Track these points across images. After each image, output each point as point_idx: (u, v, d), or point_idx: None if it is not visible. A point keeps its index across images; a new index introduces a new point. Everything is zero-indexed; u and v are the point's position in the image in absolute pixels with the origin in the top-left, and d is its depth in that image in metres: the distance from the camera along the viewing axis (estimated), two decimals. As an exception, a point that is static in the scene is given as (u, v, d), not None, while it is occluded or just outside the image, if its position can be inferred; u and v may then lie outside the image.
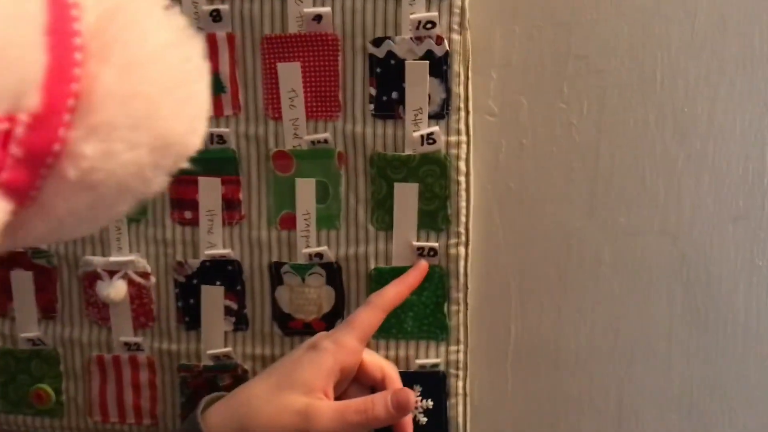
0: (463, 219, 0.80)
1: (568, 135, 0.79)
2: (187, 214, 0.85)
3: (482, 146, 0.81)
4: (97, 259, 0.87)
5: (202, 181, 0.84)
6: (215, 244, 0.85)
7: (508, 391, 0.85)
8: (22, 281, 0.89)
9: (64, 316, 0.90)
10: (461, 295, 0.81)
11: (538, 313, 0.83)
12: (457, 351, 0.82)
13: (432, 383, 0.83)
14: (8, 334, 0.91)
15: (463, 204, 0.80)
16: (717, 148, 0.77)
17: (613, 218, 0.80)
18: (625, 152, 0.79)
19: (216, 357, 0.87)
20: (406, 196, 0.80)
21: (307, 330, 0.85)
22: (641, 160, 0.78)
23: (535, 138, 0.80)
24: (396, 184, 0.80)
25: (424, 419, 0.83)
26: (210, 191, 0.84)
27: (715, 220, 0.78)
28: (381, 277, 0.82)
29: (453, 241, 0.80)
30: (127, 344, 0.88)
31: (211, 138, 0.83)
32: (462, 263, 0.81)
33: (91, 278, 0.87)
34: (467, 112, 0.78)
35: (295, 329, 0.86)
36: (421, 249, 0.80)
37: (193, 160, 0.78)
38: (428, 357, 0.83)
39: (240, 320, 0.87)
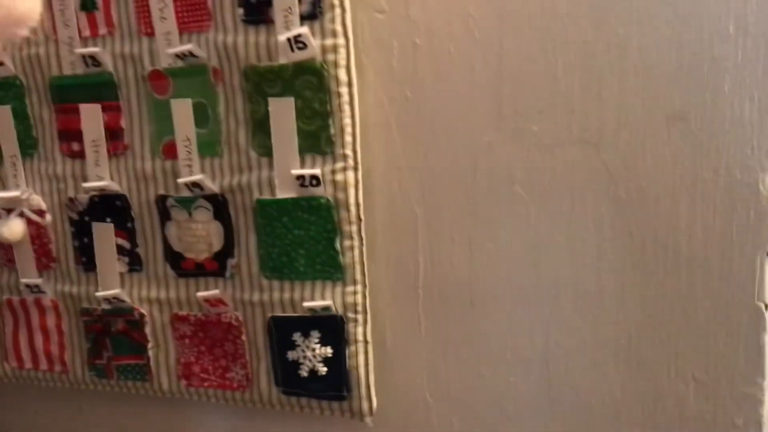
0: (348, 139, 0.69)
1: (466, 29, 0.66)
2: (75, 146, 0.79)
3: (373, 50, 0.69)
4: (-6, 198, 0.82)
5: (84, 108, 0.77)
6: (103, 177, 0.78)
7: (420, 334, 0.74)
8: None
9: (-26, 260, 0.86)
10: (354, 228, 0.71)
11: (448, 246, 0.71)
12: (354, 292, 0.72)
13: (330, 328, 0.73)
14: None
15: (348, 121, 0.69)
16: (643, 33, 0.62)
17: (524, 127, 0.66)
18: (533, 46, 0.65)
19: (108, 300, 0.81)
20: (283, 114, 0.70)
21: (200, 271, 0.78)
22: (552, 54, 0.64)
23: (430, 36, 0.67)
24: (270, 100, 0.70)
25: (323, 369, 0.74)
26: (92, 119, 0.77)
27: (646, 123, 0.63)
28: (265, 211, 0.73)
29: (339, 165, 0.69)
30: (29, 286, 0.84)
31: (86, 61, 0.76)
32: (352, 191, 0.70)
33: (-10, 218, 0.83)
34: (343, 10, 0.67)
35: (187, 270, 0.78)
36: (301, 178, 0.70)
37: (73, 86, 0.72)
38: (323, 299, 0.73)
39: (133, 260, 0.80)
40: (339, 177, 0.69)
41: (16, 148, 0.81)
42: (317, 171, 0.69)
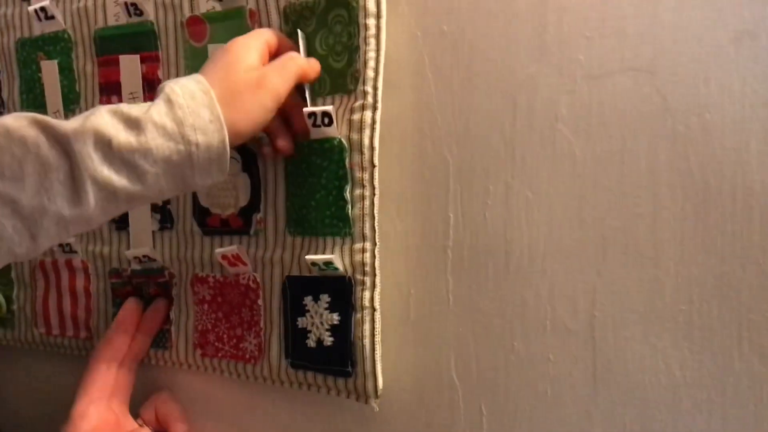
0: (371, 74, 0.63)
1: (507, -47, 0.61)
2: (114, 99, 0.78)
3: (406, -18, 0.65)
4: (36, 154, 0.82)
5: (123, 59, 0.77)
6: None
7: (447, 302, 0.65)
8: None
9: (14, 218, 0.86)
10: (366, 176, 0.64)
11: (482, 197, 0.63)
12: (363, 250, 0.64)
13: (339, 292, 0.66)
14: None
15: (372, 55, 0.63)
16: (705, -62, 0.54)
17: (570, 56, 0.59)
18: (579, -36, 0.58)
19: (138, 259, 0.77)
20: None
21: (224, 228, 0.73)
22: (600, -29, 0.57)
23: (468, -35, 0.62)
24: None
25: (330, 339, 0.66)
26: (130, 71, 0.76)
27: (709, 44, 0.54)
28: (292, 157, 0.68)
29: (357, 103, 0.64)
30: (60, 245, 0.82)
31: (128, 10, 0.75)
32: (367, 132, 0.63)
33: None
34: (376, -65, 0.63)
35: (212, 227, 0.74)
36: (312, 116, 0.65)
37: (115, 37, 0.72)
38: (324, 253, 0.66)
39: (165, 217, 0.77)
40: (355, 116, 0.64)
41: (59, 103, 0.81)
42: (329, 108, 0.64)
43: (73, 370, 0.86)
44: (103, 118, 0.53)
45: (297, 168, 0.68)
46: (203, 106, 0.56)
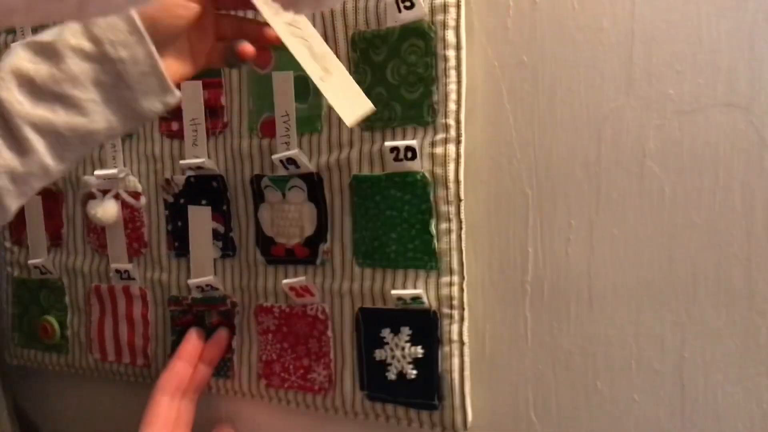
0: (453, 107, 0.62)
1: (592, -16, 0.59)
2: (174, 125, 0.77)
3: (485, 9, 0.63)
4: (93, 179, 0.81)
5: (185, 85, 0.76)
6: (200, 156, 0.75)
7: (525, 338, 0.64)
8: (32, 207, 0.86)
9: (69, 244, 0.85)
10: (452, 209, 0.63)
11: (564, 232, 0.62)
12: (450, 284, 0.63)
13: (422, 325, 0.65)
14: (23, 263, 0.88)
15: (453, 87, 0.62)
16: (808, -28, 0.52)
17: (659, 90, 0.57)
18: (671, -4, 0.56)
19: (200, 288, 0.76)
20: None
21: (289, 258, 0.72)
22: (694, 2, 0.56)
23: (550, -6, 0.61)
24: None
25: (413, 372, 0.65)
26: (192, 97, 0.75)
27: (812, 80, 0.53)
28: (360, 188, 0.67)
29: (440, 136, 0.63)
30: (118, 272, 0.81)
31: (191, 35, 0.74)
32: (452, 167, 0.63)
33: (88, 198, 0.82)
34: (455, -36, 0.62)
35: (277, 257, 0.73)
36: (395, 150, 0.64)
37: None
38: (415, 288, 0.65)
39: (227, 245, 0.76)
40: (438, 150, 0.63)
41: (120, 130, 0.80)
42: (413, 142, 0.63)
43: (127, 396, 0.85)
44: (18, 55, 0.51)
45: (368, 200, 0.67)
46: (119, 19, 0.52)
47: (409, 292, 0.64)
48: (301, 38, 0.59)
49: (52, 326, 0.86)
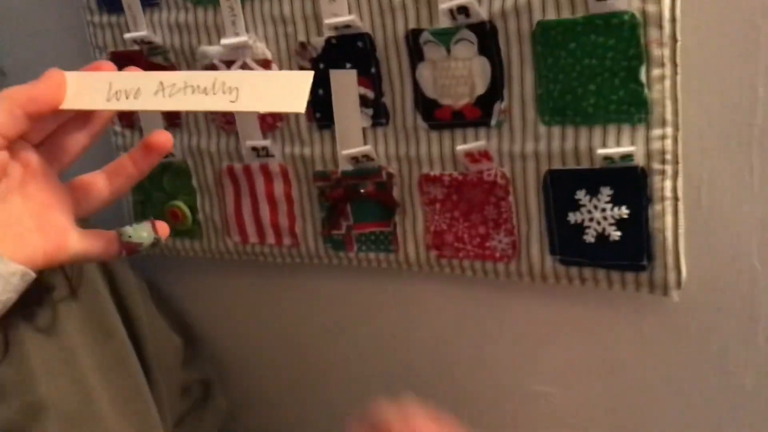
0: None
1: None
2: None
3: None
4: (212, 49, 0.73)
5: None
6: (339, 13, 0.67)
7: (750, 186, 0.59)
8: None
9: (189, 123, 0.79)
10: (667, 53, 0.55)
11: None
12: (663, 136, 0.57)
13: (626, 183, 0.60)
14: (139, 146, 0.82)
15: None
16: None
17: None
18: None
19: (355, 159, 0.70)
20: None
21: (457, 120, 0.65)
22: None
23: None
24: None
25: (616, 233, 0.61)
26: None
27: None
28: (547, 36, 0.59)
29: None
30: (255, 149, 0.75)
31: None
32: (667, 2, 0.54)
33: (209, 73, 0.74)
34: None
35: (442, 120, 0.66)
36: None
37: None
38: (619, 146, 0.59)
39: (378, 112, 0.69)
40: (650, -22, 0.54)
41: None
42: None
43: (271, 277, 0.83)
44: None
45: (558, 49, 0.59)
46: None
47: (620, 150, 0.58)
48: (172, 93, 0.48)
49: (182, 211, 0.81)
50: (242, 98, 0.47)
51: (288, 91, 0.46)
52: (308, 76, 0.47)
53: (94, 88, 0.48)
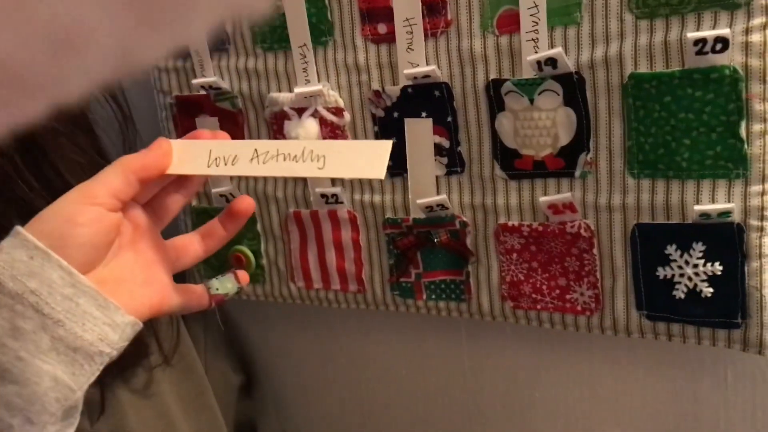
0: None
1: None
2: (381, 28, 0.67)
3: None
4: (283, 96, 0.73)
5: (386, -21, 0.65)
6: (417, 63, 0.66)
7: None
8: (207, 128, 0.77)
9: (256, 168, 0.77)
10: (769, 107, 0.54)
11: None
12: (762, 192, 0.56)
13: (720, 239, 0.58)
14: (202, 191, 0.81)
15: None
16: None
17: None
18: None
19: (428, 208, 0.69)
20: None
21: (539, 170, 0.64)
22: None
23: None
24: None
25: (708, 290, 0.59)
26: (406, -8, 0.65)
27: None
28: (640, 89, 0.58)
29: (757, 21, 0.53)
30: (324, 196, 0.74)
31: None
32: (772, 54, 0.53)
33: (279, 119, 0.73)
34: None
35: (523, 170, 0.65)
36: (701, 42, 0.54)
37: None
38: (714, 201, 0.58)
39: (453, 161, 0.68)
40: (755, 37, 0.53)
41: (306, 36, 0.70)
42: (725, 31, 0.53)
43: (335, 323, 0.81)
44: None
45: (652, 102, 0.58)
46: (10, 246, 0.43)
47: (718, 207, 0.57)
48: (265, 160, 0.51)
49: (246, 256, 0.80)
50: (329, 165, 0.50)
51: (370, 158, 0.49)
52: (387, 145, 0.50)
53: (196, 155, 0.51)
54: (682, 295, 0.61)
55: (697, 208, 0.58)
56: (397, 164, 0.70)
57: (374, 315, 0.79)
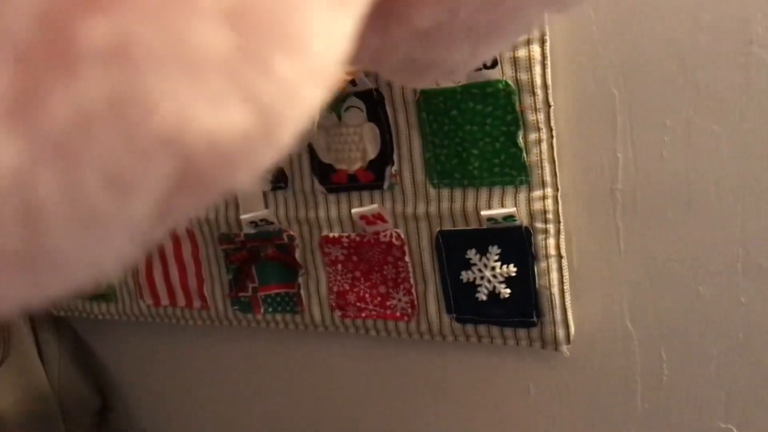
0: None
1: None
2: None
3: None
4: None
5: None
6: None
7: (617, 249, 0.61)
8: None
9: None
10: (542, 117, 0.58)
11: (658, 133, 0.58)
12: (543, 197, 0.60)
13: (512, 242, 0.62)
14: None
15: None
16: None
17: (767, -30, 0.52)
18: None
19: (253, 223, 0.72)
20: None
21: (352, 184, 0.67)
22: None
23: None
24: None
25: (506, 291, 0.62)
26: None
27: None
28: (431, 104, 0.61)
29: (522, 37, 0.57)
30: (162, 214, 0.76)
31: None
32: (538, 69, 0.58)
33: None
34: None
35: (338, 184, 0.68)
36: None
37: None
38: (503, 207, 0.61)
39: (277, 176, 0.71)
40: (520, 53, 0.57)
41: None
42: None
43: (182, 337, 0.83)
44: None
45: (441, 116, 0.62)
46: None
47: (502, 211, 0.60)
48: None
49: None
50: None
51: None
52: None
53: None
54: (485, 297, 0.64)
55: (484, 213, 0.61)
56: (228, 181, 0.72)
57: (220, 329, 0.80)
